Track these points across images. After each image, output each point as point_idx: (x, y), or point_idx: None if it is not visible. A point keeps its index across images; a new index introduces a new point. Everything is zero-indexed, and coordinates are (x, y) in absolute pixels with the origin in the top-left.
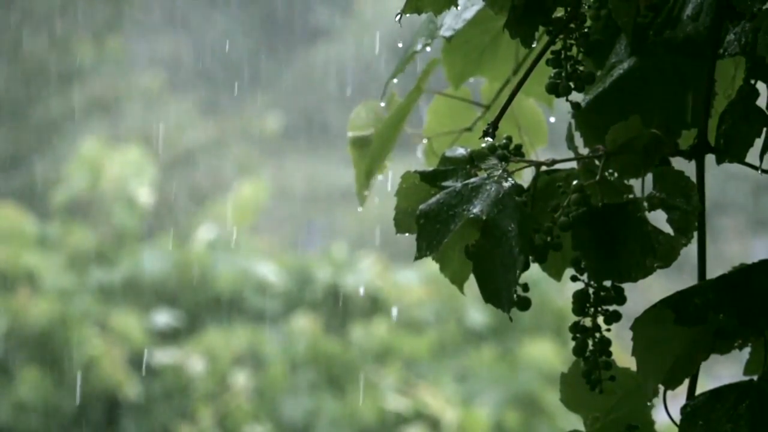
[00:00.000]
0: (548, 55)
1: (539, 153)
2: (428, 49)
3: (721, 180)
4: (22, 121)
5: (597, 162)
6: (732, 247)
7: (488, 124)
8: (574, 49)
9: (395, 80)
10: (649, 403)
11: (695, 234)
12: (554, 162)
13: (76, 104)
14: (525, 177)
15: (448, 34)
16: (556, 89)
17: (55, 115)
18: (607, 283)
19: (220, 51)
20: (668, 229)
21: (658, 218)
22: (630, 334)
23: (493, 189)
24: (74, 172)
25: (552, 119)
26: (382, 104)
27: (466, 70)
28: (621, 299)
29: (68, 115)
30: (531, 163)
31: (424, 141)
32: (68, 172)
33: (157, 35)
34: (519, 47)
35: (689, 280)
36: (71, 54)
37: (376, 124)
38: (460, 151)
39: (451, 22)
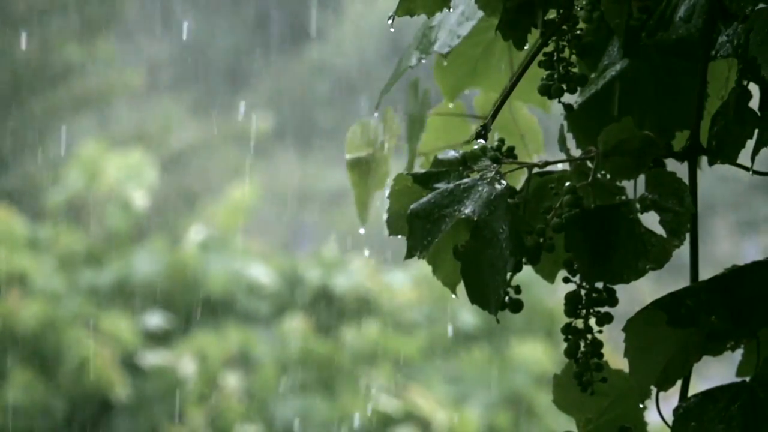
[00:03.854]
0: (540, 57)
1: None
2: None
3: (712, 181)
4: (11, 121)
5: (589, 164)
6: (722, 248)
7: (481, 126)
8: (567, 51)
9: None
10: (641, 405)
11: (687, 235)
12: (546, 164)
13: (65, 105)
14: (518, 180)
15: (445, 50)
16: (548, 91)
17: (44, 115)
18: (599, 285)
19: (210, 52)
20: (661, 231)
21: (651, 220)
22: (622, 335)
23: (485, 190)
24: (71, 174)
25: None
26: (376, 115)
27: (460, 82)
28: (613, 301)
29: (57, 115)
30: (523, 164)
31: (421, 158)
32: (65, 173)
33: (147, 36)
34: (512, 56)
35: (681, 281)
36: (60, 54)
37: (372, 143)
38: (453, 154)
39: (446, 38)
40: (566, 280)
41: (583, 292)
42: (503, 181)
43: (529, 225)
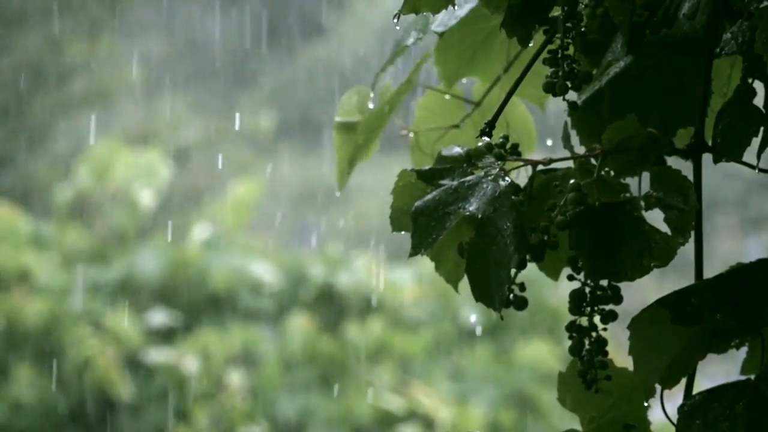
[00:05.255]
0: (544, 54)
1: (536, 153)
2: (420, 43)
3: (715, 179)
4: (14, 119)
5: (593, 161)
6: (725, 246)
7: (485, 123)
8: (571, 48)
9: (386, 71)
10: (645, 403)
11: (692, 233)
12: (551, 161)
13: (68, 103)
14: (522, 177)
15: (440, 29)
16: (553, 88)
17: (48, 114)
18: (604, 283)
19: (213, 49)
20: (665, 228)
21: (655, 217)
22: (626, 333)
23: (489, 187)
24: (80, 171)
25: (544, 113)
26: (372, 95)
27: (459, 70)
28: (617, 299)
29: (61, 114)
30: (528, 162)
31: (410, 135)
32: (75, 170)
33: (150, 34)
34: (511, 47)
35: (685, 279)
36: (64, 53)
37: (364, 110)
38: (457, 150)
39: (444, 18)
40: (571, 278)
41: (587, 289)
42: (507, 179)
43: (534, 222)
